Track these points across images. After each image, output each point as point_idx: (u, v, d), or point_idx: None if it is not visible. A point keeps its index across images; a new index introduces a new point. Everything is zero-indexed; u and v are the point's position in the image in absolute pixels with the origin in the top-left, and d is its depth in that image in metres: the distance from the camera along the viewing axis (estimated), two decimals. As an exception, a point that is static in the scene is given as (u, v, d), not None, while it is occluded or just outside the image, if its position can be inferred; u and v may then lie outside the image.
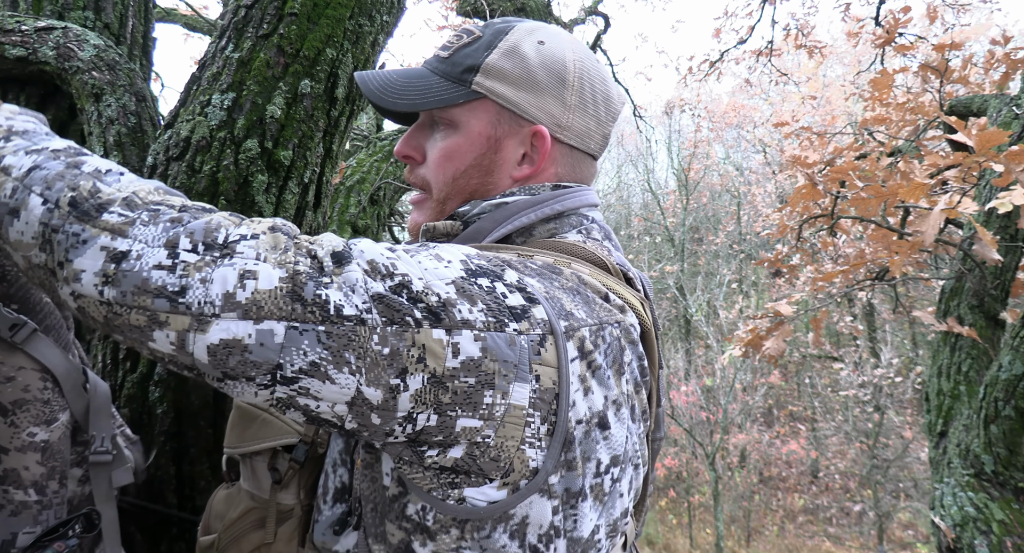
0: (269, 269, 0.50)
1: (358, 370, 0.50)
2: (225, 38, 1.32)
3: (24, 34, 1.50)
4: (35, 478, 0.81)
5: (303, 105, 1.31)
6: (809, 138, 5.06)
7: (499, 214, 0.71)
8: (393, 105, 0.72)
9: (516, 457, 0.55)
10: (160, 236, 0.50)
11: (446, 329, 0.52)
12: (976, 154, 2.21)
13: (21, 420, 0.80)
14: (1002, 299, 3.14)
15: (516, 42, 0.72)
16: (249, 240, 0.52)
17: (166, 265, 0.49)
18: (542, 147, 0.72)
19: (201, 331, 0.49)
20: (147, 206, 0.53)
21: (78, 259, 0.50)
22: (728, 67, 7.74)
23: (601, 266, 0.70)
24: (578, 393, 0.57)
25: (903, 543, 10.59)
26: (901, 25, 3.64)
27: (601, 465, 0.60)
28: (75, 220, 0.51)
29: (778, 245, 8.18)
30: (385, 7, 1.43)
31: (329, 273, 0.52)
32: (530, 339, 0.55)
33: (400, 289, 0.52)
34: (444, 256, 0.57)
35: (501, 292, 0.56)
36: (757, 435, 12.90)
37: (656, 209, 17.17)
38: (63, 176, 0.54)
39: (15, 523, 0.79)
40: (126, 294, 0.49)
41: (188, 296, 0.49)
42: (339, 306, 0.50)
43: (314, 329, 0.50)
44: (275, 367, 0.50)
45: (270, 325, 0.49)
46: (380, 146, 3.33)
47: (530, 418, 0.55)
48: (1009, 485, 2.59)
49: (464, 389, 0.53)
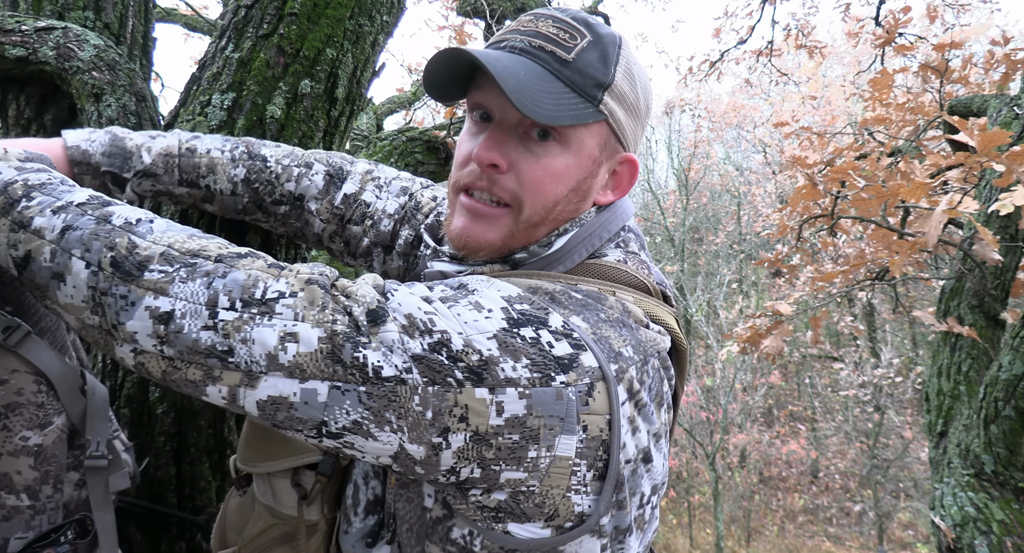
0: (308, 329, 0.51)
1: (400, 429, 0.51)
2: (225, 38, 1.32)
3: (24, 34, 1.50)
4: (28, 483, 0.80)
5: (303, 105, 1.31)
6: (809, 138, 5.05)
7: (550, 259, 0.69)
8: (533, 113, 0.61)
9: (561, 504, 0.55)
10: (199, 293, 0.52)
11: (489, 388, 0.52)
12: (978, 154, 2.21)
13: (14, 424, 0.79)
14: (1002, 299, 3.14)
15: (629, 60, 0.68)
16: (287, 298, 0.52)
17: (209, 326, 0.51)
18: (631, 175, 0.72)
19: (251, 387, 0.51)
20: (184, 260, 0.53)
21: (129, 322, 0.52)
22: (728, 67, 7.74)
23: (643, 289, 0.69)
24: (627, 435, 0.57)
25: (903, 543, 10.58)
26: (901, 25, 3.64)
27: (644, 497, 0.61)
28: (120, 281, 0.53)
29: (778, 245, 8.17)
30: (385, 7, 1.43)
31: (366, 332, 0.52)
32: (578, 390, 0.54)
33: (439, 347, 0.52)
34: (484, 304, 0.56)
35: (547, 342, 0.55)
36: (757, 435, 12.90)
37: (656, 209, 17.17)
38: (98, 235, 0.55)
39: (7, 528, 0.78)
40: (183, 353, 0.51)
41: (235, 356, 0.51)
42: (378, 367, 0.51)
43: (355, 389, 0.51)
44: (320, 424, 0.51)
45: (314, 384, 0.51)
46: (380, 146, 3.33)
47: (576, 467, 0.55)
48: (1009, 485, 2.59)
49: (508, 445, 0.53)
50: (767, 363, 6.13)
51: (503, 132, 0.66)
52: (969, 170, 2.67)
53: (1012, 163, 2.17)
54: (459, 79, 0.68)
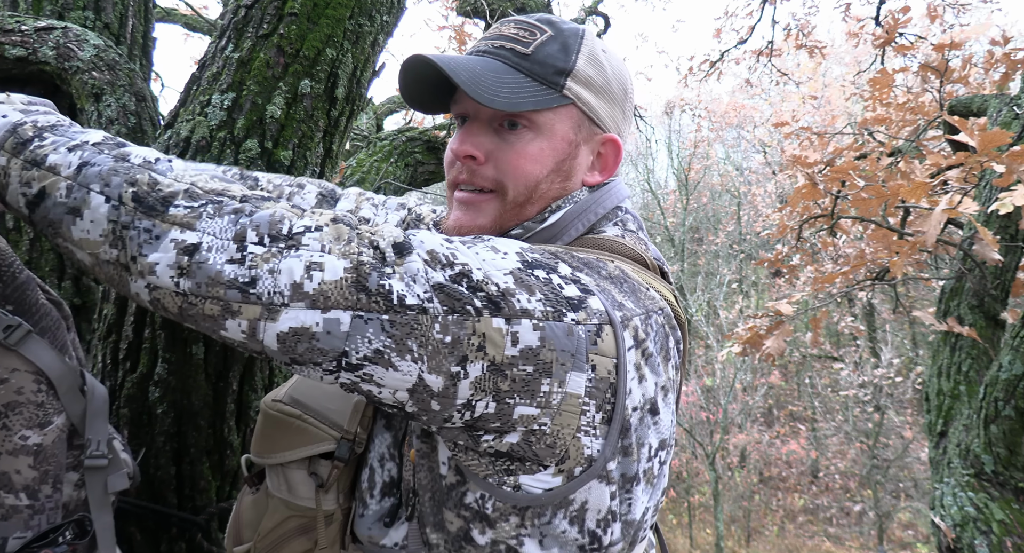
0: (334, 260, 0.51)
1: (420, 358, 0.52)
2: (225, 38, 1.32)
3: (24, 34, 1.50)
4: (27, 482, 0.80)
5: (303, 105, 1.31)
6: (809, 138, 5.06)
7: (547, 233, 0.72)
8: (490, 102, 0.66)
9: (572, 445, 0.57)
10: (228, 228, 0.52)
11: (505, 318, 0.53)
12: (978, 154, 2.21)
13: (13, 423, 0.79)
14: (1002, 299, 3.14)
15: (593, 48, 0.73)
16: (313, 232, 0.52)
17: (236, 258, 0.51)
18: (615, 155, 0.75)
19: (271, 320, 0.51)
20: (210, 197, 0.54)
21: (153, 254, 0.51)
22: (728, 67, 7.74)
23: (640, 262, 0.72)
24: (634, 381, 0.59)
25: (903, 543, 10.58)
26: (901, 25, 3.64)
27: (652, 449, 0.62)
28: (143, 215, 0.52)
29: (778, 245, 8.17)
30: (385, 7, 1.43)
31: (391, 263, 0.53)
32: (587, 329, 0.56)
33: (460, 278, 0.53)
34: (500, 247, 0.58)
35: (557, 283, 0.57)
36: (757, 435, 12.90)
37: (656, 209, 17.17)
38: (117, 171, 0.54)
39: (5, 527, 0.78)
40: (201, 285, 0.50)
41: (259, 286, 0.50)
42: (402, 295, 0.52)
43: (378, 318, 0.51)
44: (341, 354, 0.51)
45: (336, 314, 0.51)
46: (380, 146, 3.33)
47: (585, 407, 0.56)
48: (1009, 485, 2.59)
49: (522, 377, 0.54)
50: (767, 363, 6.14)
51: (477, 127, 0.72)
52: (969, 170, 2.67)
53: (1012, 163, 2.17)
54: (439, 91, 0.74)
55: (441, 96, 0.75)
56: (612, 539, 0.61)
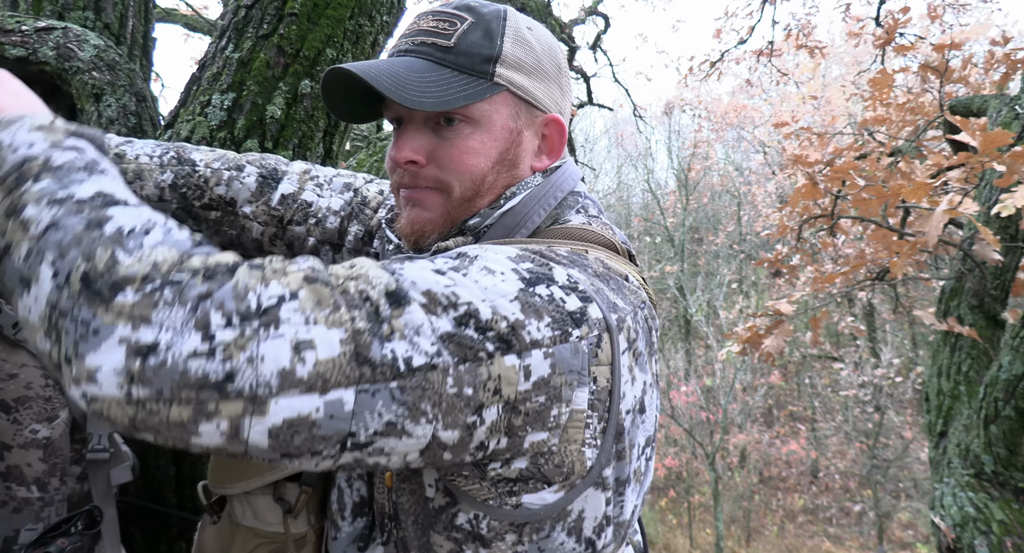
0: (324, 333, 0.45)
1: (435, 418, 0.48)
2: (225, 38, 1.32)
3: (24, 34, 1.50)
4: (37, 475, 0.81)
5: (303, 105, 1.31)
6: (809, 138, 5.06)
7: (509, 220, 0.69)
8: (419, 104, 0.64)
9: (577, 460, 0.55)
10: (188, 318, 0.43)
11: (517, 353, 0.50)
12: (979, 154, 2.21)
13: (24, 417, 0.80)
14: (1002, 299, 3.14)
15: (518, 28, 0.70)
16: (290, 301, 0.45)
17: (202, 351, 0.42)
18: (560, 135, 0.72)
19: (259, 414, 0.43)
20: (168, 280, 0.45)
21: (91, 354, 0.42)
22: (728, 67, 7.74)
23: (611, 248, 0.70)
24: (627, 384, 0.58)
25: (903, 543, 10.58)
26: (901, 25, 3.64)
27: (640, 448, 0.61)
28: (86, 303, 0.43)
29: (778, 245, 8.17)
30: (385, 7, 1.43)
31: (388, 319, 0.47)
32: (589, 343, 0.54)
33: (467, 320, 0.49)
34: (494, 267, 0.54)
35: (560, 298, 0.54)
36: (757, 435, 12.90)
37: (656, 209, 17.17)
38: (80, 240, 0.45)
39: (18, 520, 0.79)
40: (162, 391, 0.42)
41: (238, 381, 0.43)
42: (408, 358, 0.46)
43: (386, 387, 0.46)
44: (346, 436, 0.46)
45: (338, 394, 0.45)
46: (380, 146, 3.33)
47: (589, 420, 0.55)
48: (1009, 485, 2.59)
49: (536, 409, 0.52)
50: (767, 363, 6.16)
51: (413, 129, 0.69)
52: (970, 170, 2.67)
53: (1014, 163, 2.17)
54: (368, 99, 0.71)
55: (371, 104, 0.72)
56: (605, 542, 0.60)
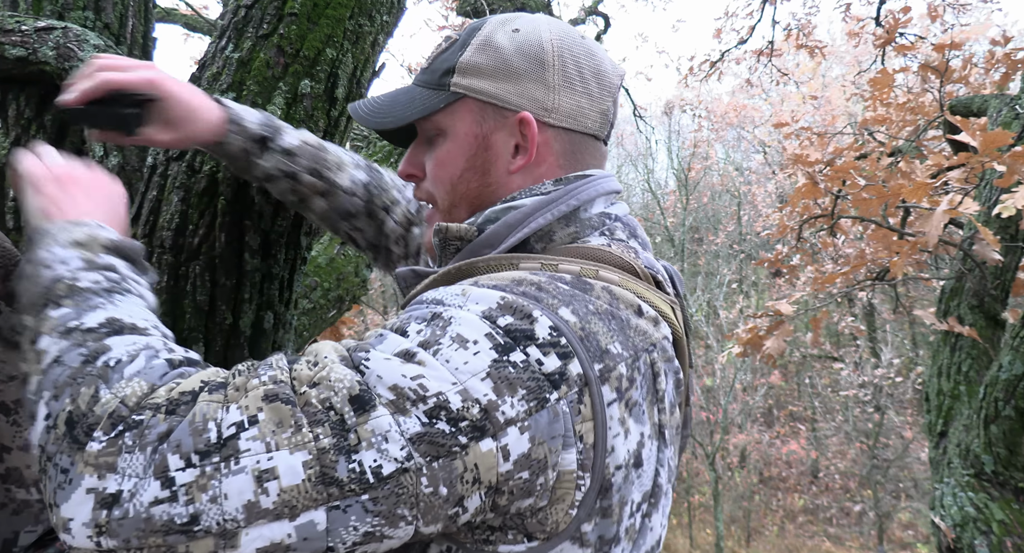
0: (287, 458, 0.44)
1: (414, 518, 0.47)
2: (225, 38, 1.32)
3: (24, 34, 1.50)
4: (37, 477, 0.81)
5: (303, 105, 1.31)
6: (809, 138, 5.06)
7: (512, 218, 0.66)
8: (380, 125, 0.72)
9: (563, 520, 0.53)
10: (148, 464, 0.43)
11: (492, 436, 0.48)
12: (980, 154, 2.21)
13: (23, 419, 0.80)
14: (1002, 299, 3.14)
15: (489, 35, 0.70)
16: (248, 429, 0.45)
17: (163, 498, 0.42)
18: (530, 133, 0.68)
19: (231, 547, 0.43)
20: (130, 421, 0.45)
21: (64, 504, 0.43)
22: (728, 67, 7.74)
23: (629, 271, 0.65)
24: (617, 438, 0.54)
25: (903, 543, 10.59)
26: (901, 25, 3.65)
27: (635, 505, 0.58)
28: (67, 449, 0.44)
29: (778, 245, 8.17)
30: (385, 7, 1.43)
31: (353, 428, 0.46)
32: (569, 401, 0.51)
33: (438, 413, 0.47)
34: (467, 335, 0.51)
35: (536, 360, 0.51)
36: (757, 435, 12.91)
37: (656, 209, 17.18)
38: (74, 379, 0.47)
39: (17, 522, 0.79)
40: (130, 541, 0.42)
41: (203, 521, 0.43)
42: (376, 468, 0.45)
43: (357, 501, 0.45)
44: (325, 551, 0.46)
45: (309, 516, 0.44)
46: (380, 146, 3.33)
47: (580, 481, 0.53)
48: (1009, 485, 2.59)
49: (520, 485, 0.50)
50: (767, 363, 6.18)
51: (415, 146, 0.76)
52: (970, 170, 2.67)
53: (1014, 163, 2.17)
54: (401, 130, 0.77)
55: None
56: None
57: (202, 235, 1.25)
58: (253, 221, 1.29)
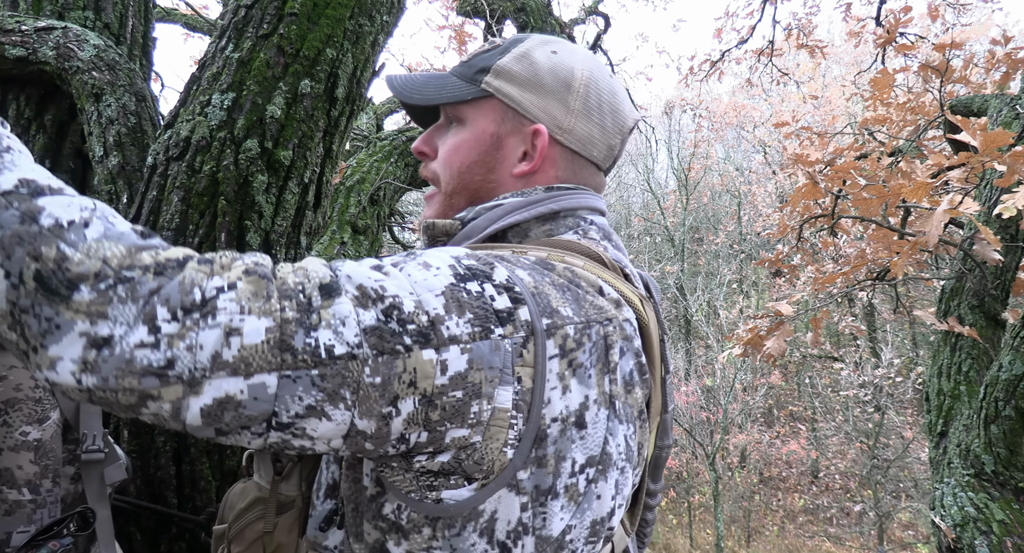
0: (254, 321, 0.49)
1: (353, 404, 0.51)
2: (225, 38, 1.32)
3: (24, 34, 1.50)
4: (28, 477, 0.81)
5: (303, 105, 1.31)
6: (810, 138, 5.06)
7: (493, 214, 0.73)
8: (409, 99, 0.77)
9: (498, 459, 0.56)
10: (139, 314, 0.47)
11: (435, 348, 0.52)
12: (980, 154, 2.21)
13: (14, 419, 0.80)
14: (1002, 299, 3.14)
15: (529, 48, 0.76)
16: (227, 292, 0.49)
17: (148, 342, 0.46)
18: (540, 145, 0.74)
19: (195, 394, 0.48)
20: (120, 276, 0.48)
21: (54, 346, 0.46)
22: (729, 67, 7.73)
23: (596, 260, 0.71)
24: (555, 391, 0.57)
25: (903, 543, 10.59)
26: (901, 25, 3.64)
27: (576, 464, 0.60)
28: (45, 300, 0.46)
29: (778, 245, 8.17)
30: (385, 7, 1.43)
31: (317, 309, 0.50)
32: (513, 342, 0.55)
33: (391, 312, 0.52)
34: (432, 263, 0.57)
35: (489, 295, 0.56)
36: (757, 435, 12.91)
37: (656, 209, 17.17)
38: (21, 239, 0.47)
39: (9, 522, 0.79)
40: (108, 379, 0.46)
41: (177, 367, 0.47)
42: (330, 347, 0.50)
43: (307, 374, 0.49)
44: (270, 415, 0.50)
45: (262, 378, 0.48)
46: (380, 146, 3.33)
47: (513, 420, 0.55)
48: (1009, 485, 2.59)
49: (453, 404, 0.53)
50: (767, 363, 6.12)
51: (434, 128, 0.81)
52: (971, 170, 2.67)
53: (1015, 163, 2.17)
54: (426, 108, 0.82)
55: None
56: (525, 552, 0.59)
57: (202, 235, 1.25)
58: (253, 221, 1.29)
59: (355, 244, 2.88)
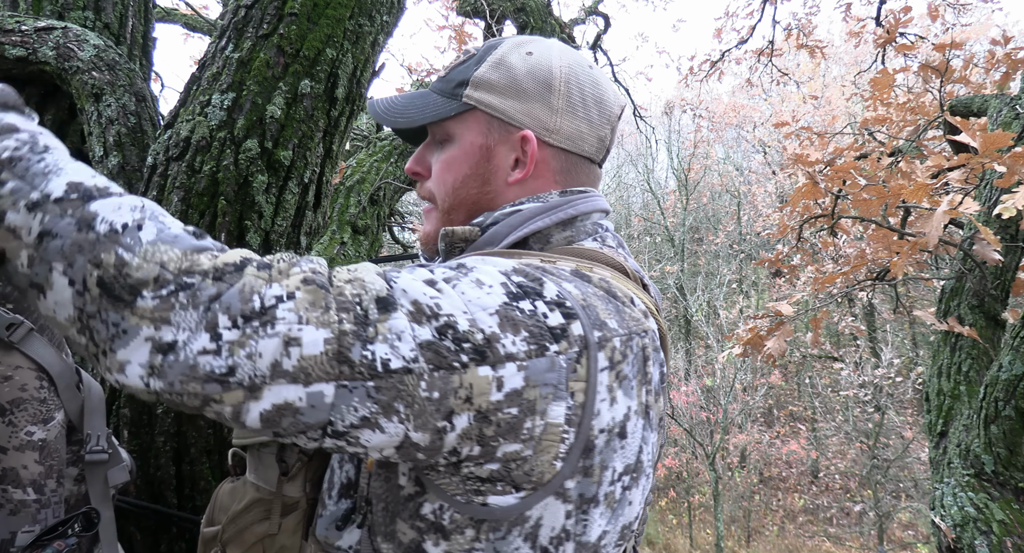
0: (312, 332, 0.50)
1: (407, 418, 0.52)
2: (225, 38, 1.32)
3: (24, 34, 1.50)
4: (33, 477, 0.81)
5: (303, 105, 1.31)
6: (810, 138, 5.06)
7: (514, 219, 0.73)
8: (394, 123, 0.77)
9: (547, 471, 0.56)
10: (201, 319, 0.49)
11: (491, 365, 0.53)
12: (980, 155, 2.21)
13: (19, 419, 0.80)
14: (1002, 299, 3.14)
15: (504, 54, 0.76)
16: (287, 302, 0.50)
17: (211, 349, 0.48)
18: (530, 150, 0.74)
19: (254, 399, 0.50)
20: (180, 282, 0.50)
21: (122, 350, 0.49)
22: (729, 67, 7.74)
23: (620, 270, 0.72)
24: (604, 403, 0.58)
25: (903, 543, 10.59)
26: (901, 25, 3.64)
27: (615, 473, 0.61)
28: (110, 306, 0.49)
29: (778, 245, 8.17)
30: (385, 7, 1.43)
31: (374, 322, 0.51)
32: (567, 358, 0.56)
33: (446, 330, 0.53)
34: (485, 280, 0.57)
35: (542, 312, 0.56)
36: (757, 435, 12.91)
37: (656, 209, 17.17)
38: (81, 246, 0.49)
39: (14, 522, 0.79)
40: (174, 383, 0.49)
41: (238, 374, 0.49)
42: (386, 360, 0.51)
43: (363, 385, 0.50)
44: (326, 424, 0.51)
45: (320, 387, 0.50)
46: (380, 146, 3.33)
47: (565, 434, 0.56)
48: (1009, 485, 2.59)
49: (508, 420, 0.54)
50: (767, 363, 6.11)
51: (424, 147, 0.81)
52: (971, 171, 2.66)
53: (1014, 164, 2.17)
54: None
55: None
56: None
57: (202, 235, 1.25)
58: (253, 221, 1.29)
59: (355, 244, 2.88)
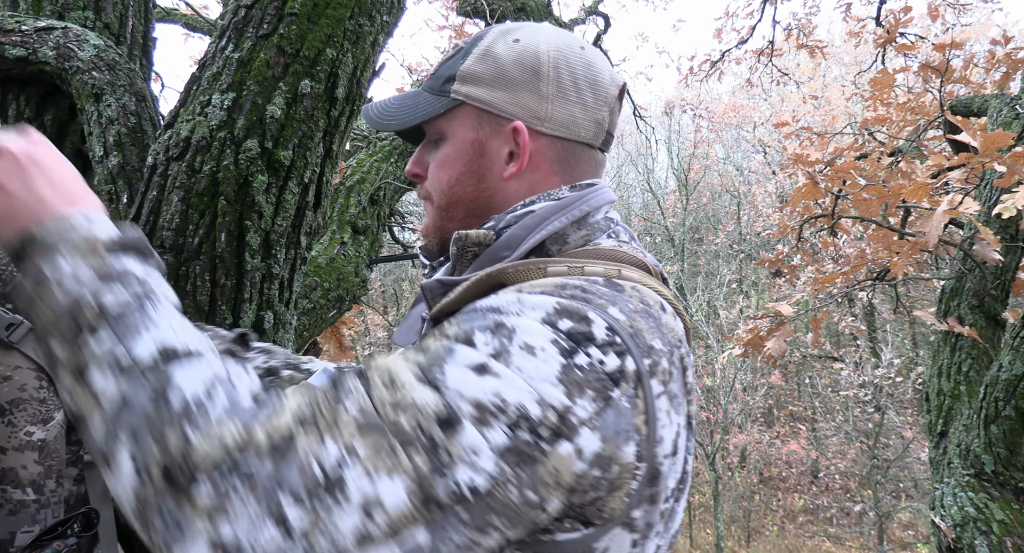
0: (388, 485, 0.47)
1: (503, 526, 0.50)
2: (225, 38, 1.32)
3: (24, 34, 1.50)
4: (33, 477, 0.81)
5: (303, 105, 1.31)
6: (810, 138, 5.06)
7: (529, 221, 0.70)
8: (387, 126, 0.76)
9: (619, 507, 0.55)
10: (263, 511, 0.46)
11: (568, 439, 0.51)
12: (980, 155, 2.21)
13: (18, 419, 0.80)
14: (1002, 299, 3.14)
15: (489, 44, 0.73)
16: (350, 464, 0.47)
17: (280, 538, 0.45)
18: (522, 142, 0.72)
19: None
20: (236, 465, 0.47)
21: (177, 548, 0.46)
22: (729, 67, 7.73)
23: (642, 268, 0.70)
24: (665, 429, 0.57)
25: (903, 543, 10.59)
26: (901, 25, 3.64)
27: (670, 490, 0.60)
28: (169, 495, 0.46)
29: (778, 245, 8.17)
30: (385, 7, 1.43)
31: (444, 447, 0.48)
32: (628, 397, 0.54)
33: (519, 423, 0.50)
34: (535, 343, 0.53)
35: (599, 360, 0.54)
36: (757, 435, 12.91)
37: (656, 209, 17.17)
38: (151, 422, 0.48)
39: (13, 522, 0.79)
40: None
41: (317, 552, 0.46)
42: (473, 486, 0.48)
43: (455, 516, 0.48)
44: None
45: (413, 537, 0.47)
46: (380, 146, 3.33)
47: (637, 471, 0.55)
48: (1009, 485, 2.59)
49: (591, 482, 0.53)
50: (767, 364, 6.11)
51: (422, 148, 0.80)
52: (971, 171, 2.67)
53: (1014, 164, 2.17)
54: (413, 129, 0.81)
55: None
56: None
57: (202, 235, 1.25)
58: (253, 221, 1.29)
59: (355, 244, 2.88)
